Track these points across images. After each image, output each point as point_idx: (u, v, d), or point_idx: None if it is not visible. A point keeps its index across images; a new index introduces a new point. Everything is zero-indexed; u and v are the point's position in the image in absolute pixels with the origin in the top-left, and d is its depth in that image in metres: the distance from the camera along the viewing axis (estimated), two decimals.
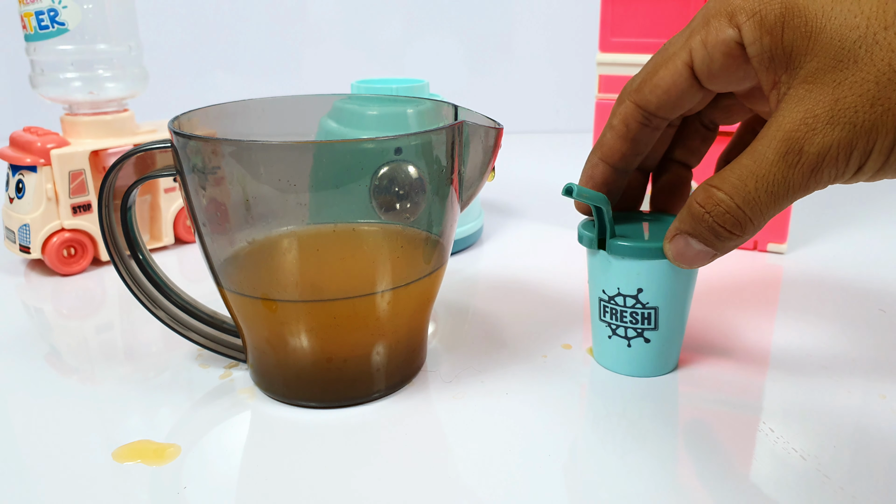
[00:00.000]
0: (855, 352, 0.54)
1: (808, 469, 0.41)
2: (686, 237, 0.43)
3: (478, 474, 0.41)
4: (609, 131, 0.47)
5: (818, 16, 0.37)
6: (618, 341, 0.50)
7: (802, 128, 0.37)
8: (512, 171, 1.08)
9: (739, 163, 0.40)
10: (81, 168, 0.70)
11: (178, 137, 0.43)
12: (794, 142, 0.38)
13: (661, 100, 0.44)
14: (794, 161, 0.38)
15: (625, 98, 0.46)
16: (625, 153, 0.47)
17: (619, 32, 0.75)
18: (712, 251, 0.43)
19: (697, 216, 0.42)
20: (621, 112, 0.46)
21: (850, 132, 0.37)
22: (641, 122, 0.46)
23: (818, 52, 0.37)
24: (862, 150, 0.37)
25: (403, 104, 0.58)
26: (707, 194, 0.41)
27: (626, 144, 0.47)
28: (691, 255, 0.43)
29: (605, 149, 0.48)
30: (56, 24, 0.70)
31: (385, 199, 0.43)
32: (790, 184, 0.39)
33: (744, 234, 0.41)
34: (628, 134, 0.46)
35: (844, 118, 0.37)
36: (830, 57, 0.37)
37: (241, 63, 1.41)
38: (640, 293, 0.47)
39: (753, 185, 0.39)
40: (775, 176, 0.39)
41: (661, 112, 0.45)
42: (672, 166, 0.51)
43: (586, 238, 0.48)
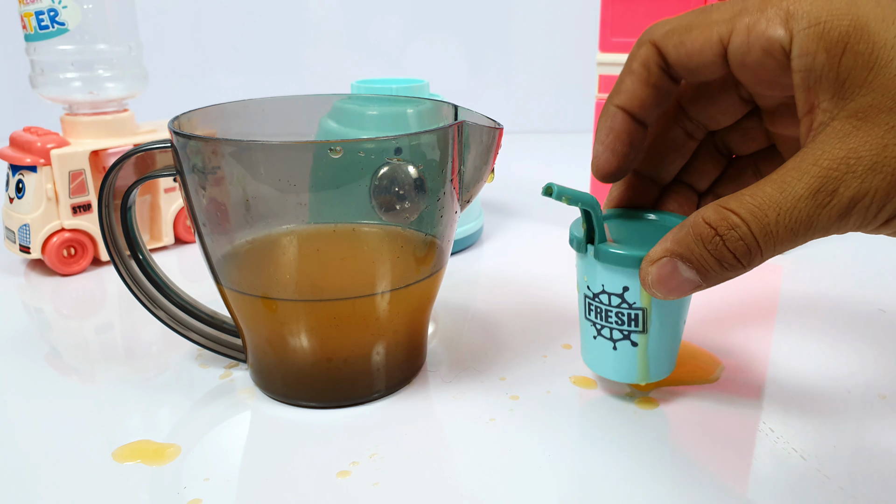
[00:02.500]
0: (854, 351, 0.54)
1: (808, 469, 0.41)
2: (676, 261, 0.39)
3: (478, 475, 0.41)
4: (628, 76, 0.42)
5: (886, 46, 0.34)
6: (603, 342, 0.46)
7: (842, 167, 0.34)
8: (512, 171, 1.08)
9: (762, 189, 0.36)
10: (81, 168, 0.70)
11: (178, 137, 0.43)
12: (830, 181, 0.34)
13: (682, 60, 0.40)
14: (824, 201, 0.35)
15: (646, 41, 0.42)
16: (645, 100, 0.42)
17: (620, 32, 0.75)
18: (698, 282, 0.39)
19: (705, 237, 0.38)
20: (642, 55, 0.42)
21: (891, 182, 0.34)
22: (662, 68, 0.41)
23: (877, 88, 0.34)
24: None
25: (403, 104, 0.58)
26: (720, 216, 0.37)
27: (647, 90, 0.42)
28: (674, 284, 0.39)
29: (624, 95, 0.43)
30: (56, 24, 0.70)
31: (385, 199, 0.43)
32: (813, 224, 0.35)
33: (747, 267, 0.38)
34: (650, 79, 0.42)
35: (889, 167, 0.34)
36: (890, 96, 0.34)
37: (241, 63, 1.41)
38: (626, 292, 0.44)
39: (774, 216, 0.36)
40: (800, 212, 0.35)
41: (677, 68, 0.41)
42: (678, 186, 0.48)
43: (575, 241, 0.45)
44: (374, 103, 0.60)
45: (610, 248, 0.43)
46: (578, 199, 0.42)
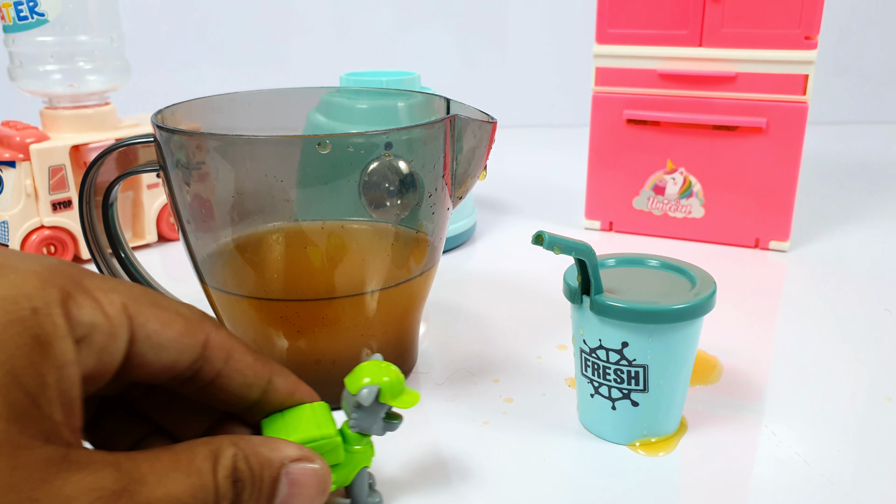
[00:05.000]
0: (860, 353, 0.54)
1: (812, 474, 0.41)
2: None
3: (471, 481, 0.41)
4: None
5: None
6: (601, 401, 0.44)
7: None
8: (506, 166, 1.07)
9: None
10: (62, 163, 0.70)
11: (161, 132, 0.43)
12: None
13: None
14: None
15: None
16: None
17: (617, 23, 0.75)
18: None
19: None
20: None
21: None
22: None
23: None
24: None
25: (394, 97, 0.57)
26: None
27: None
28: None
29: None
30: (35, 14, 0.70)
31: (375, 195, 0.43)
32: None
33: None
34: None
35: None
36: None
37: (227, 55, 1.41)
38: (626, 348, 0.42)
39: None
40: None
41: None
42: None
43: (569, 291, 0.43)
44: (364, 96, 0.60)
45: (607, 300, 0.41)
46: (572, 248, 0.40)
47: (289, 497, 0.33)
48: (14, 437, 0.25)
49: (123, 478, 0.27)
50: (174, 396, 0.37)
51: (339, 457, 0.36)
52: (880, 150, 1.22)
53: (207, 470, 0.30)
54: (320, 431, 0.35)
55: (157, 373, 0.33)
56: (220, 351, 0.34)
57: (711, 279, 0.43)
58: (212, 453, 0.31)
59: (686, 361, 0.43)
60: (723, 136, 0.73)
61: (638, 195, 0.78)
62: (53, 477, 0.26)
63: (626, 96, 0.76)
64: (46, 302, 0.28)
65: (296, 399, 0.37)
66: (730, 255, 0.74)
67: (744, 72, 0.71)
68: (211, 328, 0.34)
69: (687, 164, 0.76)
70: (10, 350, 0.26)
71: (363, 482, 0.38)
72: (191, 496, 0.29)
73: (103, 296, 0.30)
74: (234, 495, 0.31)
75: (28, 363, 0.26)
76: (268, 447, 0.33)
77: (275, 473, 0.32)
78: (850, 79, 1.42)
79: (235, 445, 0.32)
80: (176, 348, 0.32)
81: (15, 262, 0.29)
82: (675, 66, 0.74)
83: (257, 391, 0.35)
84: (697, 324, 0.42)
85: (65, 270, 0.30)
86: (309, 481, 0.33)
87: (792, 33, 0.69)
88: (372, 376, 0.36)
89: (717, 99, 0.73)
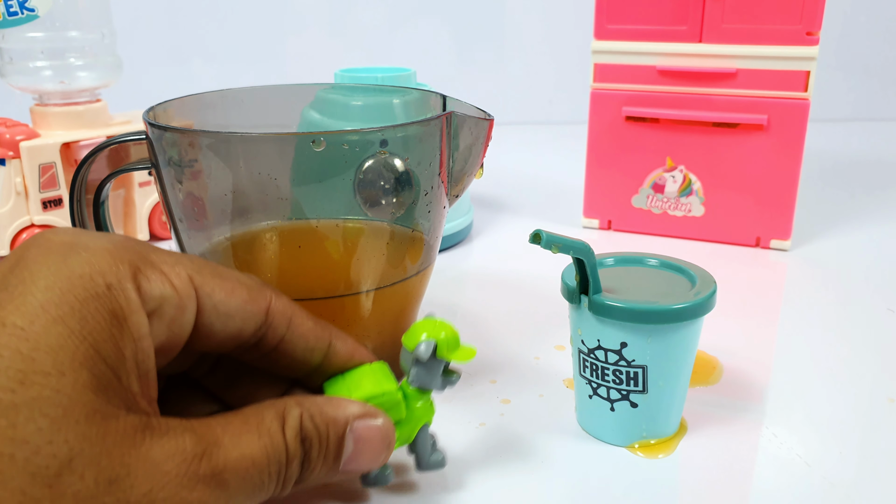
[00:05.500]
0: (862, 353, 0.54)
1: (813, 476, 0.41)
2: None
3: (467, 483, 0.41)
4: None
5: None
6: (599, 403, 0.44)
7: None
8: (503, 164, 1.07)
9: None
10: (52, 161, 0.70)
11: (153, 129, 0.43)
12: None
13: None
14: None
15: None
16: None
17: (616, 19, 0.75)
18: None
19: None
20: None
21: None
22: None
23: None
24: None
25: (389, 94, 0.57)
26: None
27: None
28: None
29: None
30: (25, 9, 0.70)
31: (370, 193, 0.43)
32: None
33: None
34: None
35: None
36: None
37: (220, 51, 1.41)
38: (624, 348, 0.41)
39: None
40: None
41: None
42: None
43: (567, 291, 0.43)
44: (359, 93, 0.60)
45: (606, 300, 0.41)
46: (570, 247, 0.40)
47: (355, 454, 0.34)
48: (102, 406, 0.27)
49: (202, 441, 0.29)
50: (238, 372, 0.39)
51: (401, 413, 0.37)
52: (883, 148, 1.22)
53: (277, 430, 0.32)
54: (381, 388, 0.37)
55: (224, 341, 0.35)
56: (283, 317, 0.36)
57: (711, 278, 0.43)
58: (279, 414, 0.32)
59: (686, 362, 0.43)
60: (723, 134, 0.73)
61: (637, 193, 0.78)
62: (140, 443, 0.28)
63: (625, 93, 0.76)
64: (119, 278, 0.30)
65: (355, 361, 0.38)
66: (730, 254, 0.74)
67: (744, 68, 0.71)
68: (272, 295, 0.35)
69: (687, 162, 0.76)
70: (90, 325, 0.28)
71: (426, 439, 0.39)
72: (264, 456, 0.31)
73: (170, 269, 0.32)
74: (303, 454, 0.33)
75: (108, 337, 0.28)
76: (332, 406, 0.34)
77: (340, 431, 0.34)
78: (852, 75, 1.42)
79: (300, 405, 0.33)
80: (241, 316, 0.34)
81: (86, 240, 0.31)
82: (675, 62, 0.74)
83: (319, 355, 0.37)
84: (697, 324, 0.42)
85: (132, 246, 0.32)
86: (374, 437, 0.35)
87: (793, 29, 0.69)
88: (429, 332, 0.37)
89: (717, 96, 0.73)
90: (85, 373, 0.27)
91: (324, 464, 0.34)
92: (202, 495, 0.29)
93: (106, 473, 0.26)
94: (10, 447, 0.25)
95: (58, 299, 0.28)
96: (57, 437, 0.26)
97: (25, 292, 0.28)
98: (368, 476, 0.38)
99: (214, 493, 0.29)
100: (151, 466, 0.28)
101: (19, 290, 0.28)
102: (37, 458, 0.25)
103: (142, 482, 0.27)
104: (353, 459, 0.34)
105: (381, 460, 0.36)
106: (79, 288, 0.28)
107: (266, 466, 0.31)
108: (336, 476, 0.35)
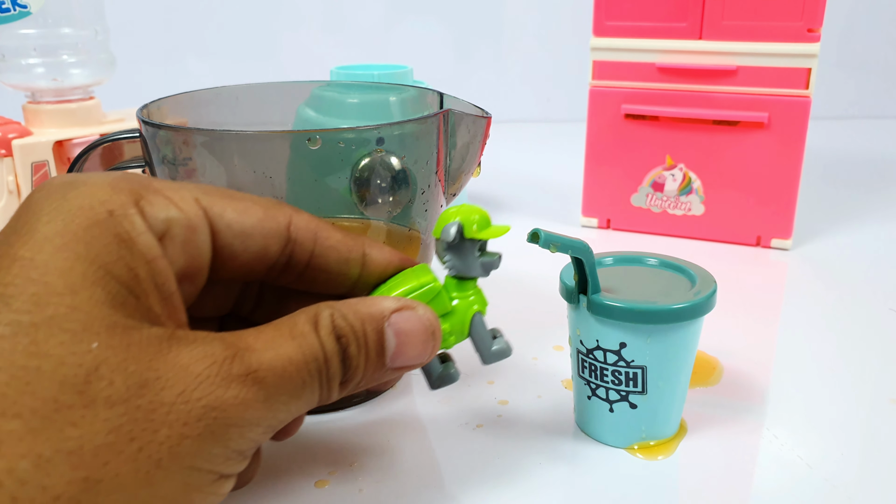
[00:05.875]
0: (864, 354, 0.54)
1: (815, 478, 0.41)
2: None
3: (464, 487, 0.41)
4: None
5: None
6: (598, 404, 0.44)
7: None
8: (501, 162, 1.07)
9: None
10: (45, 159, 0.70)
11: (147, 127, 0.43)
12: None
13: None
14: None
15: None
16: None
17: (615, 15, 0.75)
18: None
19: None
20: None
21: None
22: None
23: None
24: None
25: (386, 91, 0.57)
26: None
27: None
28: None
29: None
30: (18, 6, 0.70)
31: (366, 192, 0.43)
32: None
33: None
34: None
35: None
36: None
37: (214, 48, 1.41)
38: (624, 348, 0.41)
39: None
40: None
41: None
42: None
43: (565, 291, 0.43)
44: (355, 91, 0.60)
45: (605, 300, 0.41)
46: (568, 246, 0.40)
47: (399, 347, 0.35)
48: (121, 319, 0.28)
49: (231, 347, 0.30)
50: (284, 302, 0.39)
51: (445, 305, 0.38)
52: (886, 146, 1.23)
53: (310, 331, 0.32)
54: (419, 281, 0.37)
55: (250, 263, 0.35)
56: (307, 231, 0.36)
57: (712, 278, 0.43)
58: (311, 318, 0.33)
59: (686, 362, 0.43)
60: (723, 132, 0.73)
61: (636, 192, 0.78)
62: (167, 350, 0.28)
63: (624, 90, 0.76)
64: (120, 204, 0.30)
65: (395, 268, 0.39)
66: (730, 253, 0.74)
67: (745, 65, 0.71)
68: (292, 211, 0.36)
69: (686, 160, 0.76)
70: (96, 248, 0.28)
71: (481, 328, 0.39)
72: (300, 354, 0.31)
73: (174, 193, 0.32)
74: (340, 350, 0.33)
75: (117, 258, 0.29)
76: (365, 304, 0.34)
77: (378, 326, 0.34)
78: (854, 72, 1.42)
79: (331, 307, 0.33)
80: (260, 233, 0.34)
81: (84, 178, 0.31)
82: (675, 59, 0.74)
83: (355, 265, 0.37)
84: (697, 324, 0.42)
85: (132, 178, 0.32)
86: (415, 328, 0.35)
87: (794, 25, 0.69)
88: (456, 215, 0.37)
89: (717, 93, 0.73)
90: (98, 290, 0.28)
91: (367, 361, 0.34)
92: (238, 392, 0.29)
93: (135, 378, 0.27)
94: (36, 360, 0.26)
95: (61, 229, 0.28)
96: (79, 349, 0.26)
97: (31, 230, 0.28)
98: (433, 377, 0.39)
99: (252, 391, 0.29)
100: (181, 370, 0.28)
101: (25, 228, 0.28)
102: (63, 368, 0.26)
103: (174, 384, 0.28)
104: (399, 354, 0.35)
105: (430, 351, 0.36)
106: (80, 217, 0.29)
107: (304, 365, 0.31)
108: (389, 374, 0.35)
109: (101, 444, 0.26)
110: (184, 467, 0.28)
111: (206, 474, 0.29)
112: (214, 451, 0.29)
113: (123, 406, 0.26)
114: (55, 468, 0.25)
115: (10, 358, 0.26)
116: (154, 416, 0.27)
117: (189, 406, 0.28)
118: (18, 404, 0.25)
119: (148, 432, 0.27)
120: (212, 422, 0.28)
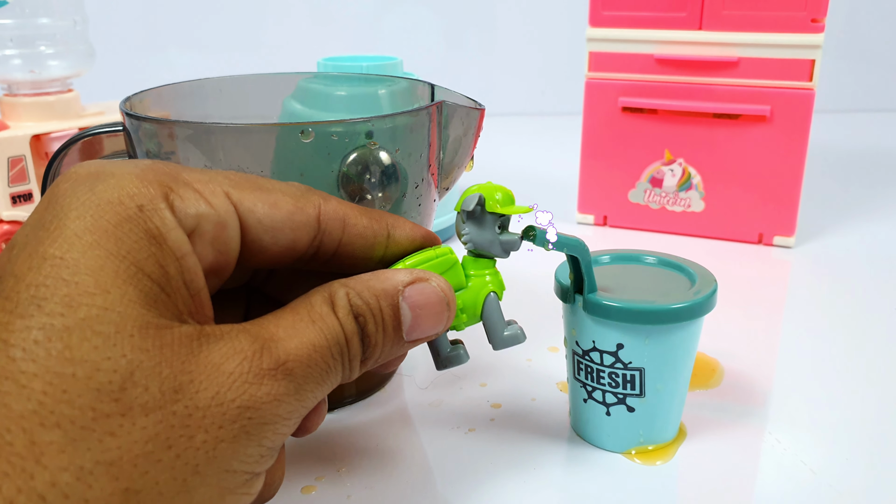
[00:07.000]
0: (868, 355, 0.54)
1: (819, 484, 0.41)
2: None
3: (456, 491, 0.41)
4: None
5: None
6: (594, 407, 0.44)
7: None
8: (494, 156, 1.07)
9: None
10: (22, 154, 0.69)
11: (130, 120, 0.43)
12: None
13: None
14: None
15: None
16: None
17: (612, 5, 0.75)
18: None
19: None
20: None
21: None
22: None
23: None
24: None
25: (375, 84, 0.57)
26: None
27: None
28: None
29: None
30: None
31: (355, 187, 0.43)
32: None
33: None
34: None
35: None
36: None
37: (197, 38, 1.40)
38: (621, 350, 0.41)
39: None
40: None
41: None
42: None
43: (560, 290, 0.43)
44: (343, 83, 0.60)
45: (601, 300, 0.41)
46: (564, 244, 0.39)
47: (415, 320, 0.35)
48: (154, 319, 0.28)
49: (258, 339, 0.30)
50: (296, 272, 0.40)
51: (460, 278, 0.38)
52: (891, 140, 1.23)
53: (328, 312, 0.33)
54: (434, 251, 0.37)
55: (278, 255, 0.35)
56: (335, 221, 0.36)
57: (712, 277, 0.43)
58: (326, 298, 0.33)
59: (685, 364, 0.43)
60: (724, 125, 0.74)
61: (634, 188, 0.79)
62: (198, 350, 0.29)
63: (622, 83, 0.76)
64: (150, 199, 0.30)
65: (417, 244, 0.39)
66: (731, 251, 0.74)
67: (746, 56, 0.71)
68: (319, 200, 0.36)
69: (686, 155, 0.76)
70: (127, 245, 0.29)
71: (495, 309, 0.39)
72: (323, 339, 0.32)
73: (204, 186, 0.32)
74: (359, 330, 0.34)
75: (147, 255, 0.29)
76: (378, 279, 0.35)
77: (392, 301, 0.35)
78: (859, 64, 1.43)
79: (345, 286, 0.34)
80: (290, 227, 0.35)
81: (111, 168, 0.31)
82: (674, 50, 0.74)
83: (380, 249, 0.38)
84: (697, 324, 0.42)
85: (161, 168, 0.32)
86: (430, 299, 0.36)
87: (797, 16, 0.69)
88: (480, 189, 0.38)
89: (718, 85, 0.73)
90: (130, 289, 0.28)
91: (385, 336, 0.35)
92: (271, 388, 0.30)
93: (169, 382, 0.27)
94: (70, 367, 0.26)
95: (91, 226, 0.28)
96: (114, 353, 0.27)
97: (60, 225, 0.28)
98: (440, 356, 0.39)
99: (283, 385, 0.30)
100: (213, 370, 0.29)
101: (54, 224, 0.28)
102: (98, 375, 0.26)
103: (207, 386, 0.28)
104: (415, 326, 0.35)
105: (445, 321, 0.36)
106: (109, 213, 0.29)
107: (328, 349, 0.32)
108: (406, 347, 0.36)
109: (140, 454, 0.26)
110: (220, 471, 0.28)
111: (240, 475, 0.29)
112: (249, 451, 0.29)
113: (160, 413, 0.27)
114: (96, 480, 0.25)
115: (45, 364, 0.26)
116: (190, 421, 0.27)
117: (224, 408, 0.28)
118: (56, 413, 0.25)
119: (184, 439, 0.27)
120: (246, 422, 0.29)
